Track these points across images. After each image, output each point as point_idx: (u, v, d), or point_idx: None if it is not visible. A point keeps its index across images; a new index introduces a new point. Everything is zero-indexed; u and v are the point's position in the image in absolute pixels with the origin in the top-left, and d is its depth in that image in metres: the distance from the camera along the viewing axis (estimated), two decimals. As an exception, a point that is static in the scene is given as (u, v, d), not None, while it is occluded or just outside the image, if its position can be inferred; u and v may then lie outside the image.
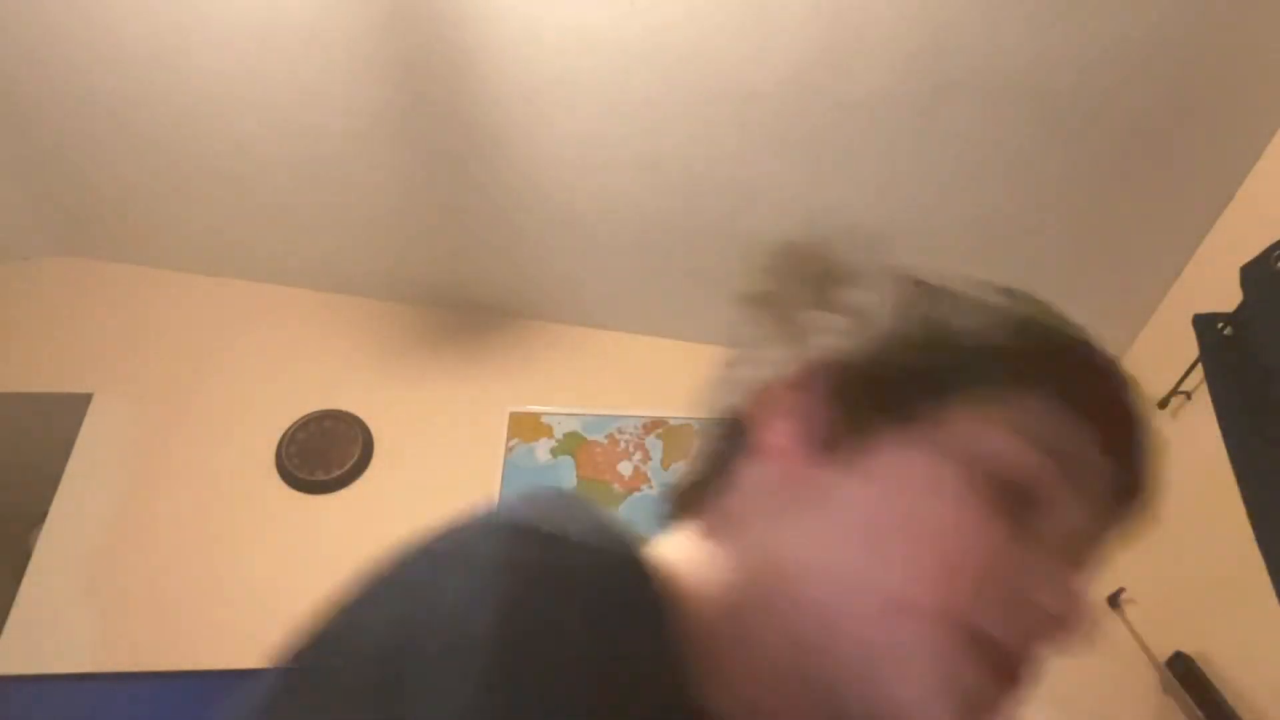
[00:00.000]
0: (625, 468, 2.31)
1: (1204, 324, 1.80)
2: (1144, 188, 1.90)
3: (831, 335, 0.51)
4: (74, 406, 2.26)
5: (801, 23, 1.63)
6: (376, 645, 0.36)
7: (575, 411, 2.38)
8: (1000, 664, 0.42)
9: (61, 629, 2.01)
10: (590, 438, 2.35)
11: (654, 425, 2.37)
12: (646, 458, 2.32)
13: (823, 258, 0.54)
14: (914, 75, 1.70)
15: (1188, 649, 1.96)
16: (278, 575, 2.10)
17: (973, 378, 0.48)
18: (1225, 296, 1.74)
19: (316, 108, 1.90)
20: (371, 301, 2.49)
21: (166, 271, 2.44)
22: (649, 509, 2.24)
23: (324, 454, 2.26)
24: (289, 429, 2.29)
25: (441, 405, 2.36)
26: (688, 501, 0.55)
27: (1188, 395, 2.00)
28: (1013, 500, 0.45)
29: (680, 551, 0.51)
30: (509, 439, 2.33)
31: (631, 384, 2.42)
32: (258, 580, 2.09)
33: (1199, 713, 1.83)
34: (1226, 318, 1.76)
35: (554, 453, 2.32)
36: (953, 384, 0.48)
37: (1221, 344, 1.76)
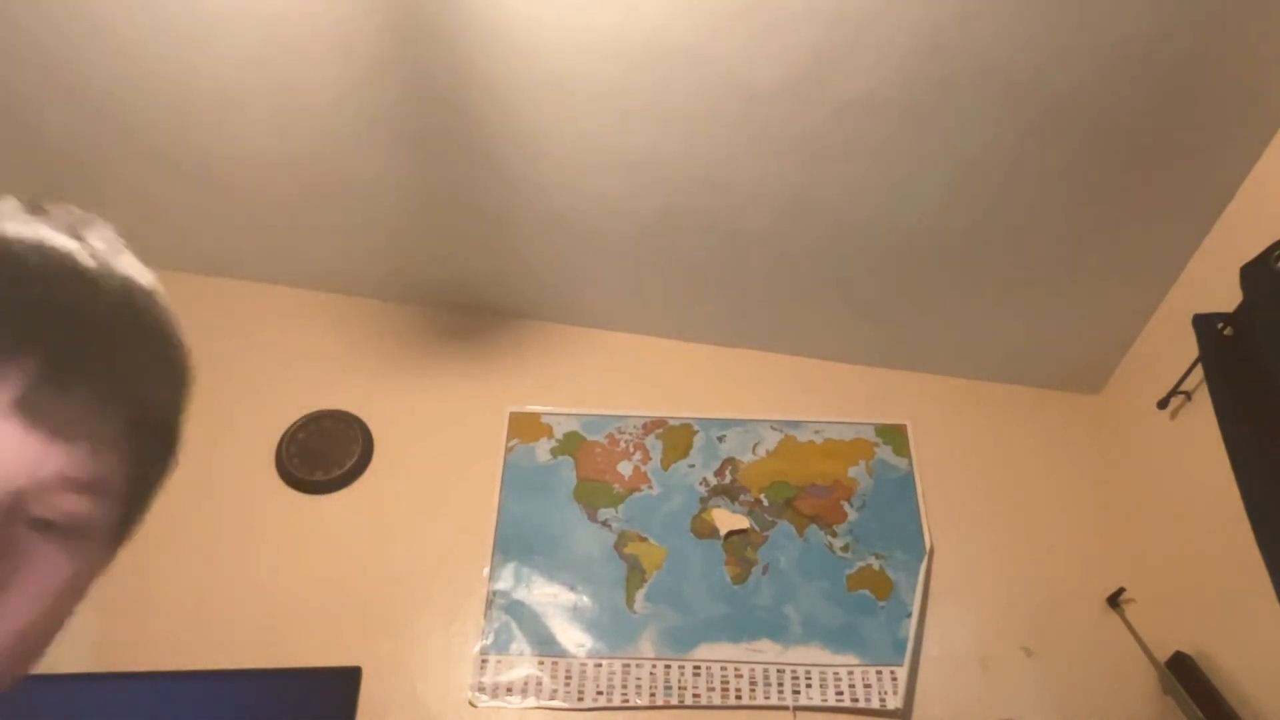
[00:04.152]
0: (625, 468, 2.31)
1: (1204, 324, 1.80)
2: (1144, 188, 1.90)
3: None
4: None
5: (801, 23, 1.63)
6: None
7: (575, 411, 2.38)
8: None
9: (61, 629, 2.00)
10: (590, 438, 2.35)
11: (654, 425, 2.37)
12: (646, 458, 2.32)
13: None
14: (914, 76, 1.70)
15: (1188, 649, 1.96)
16: (278, 575, 2.10)
17: None
18: (1225, 296, 1.74)
19: (317, 109, 1.90)
20: (372, 301, 2.49)
21: (166, 271, 2.39)
22: (649, 509, 2.24)
23: (324, 454, 2.26)
24: (289, 429, 2.29)
25: (441, 405, 2.36)
26: None
27: (1188, 395, 2.00)
28: None
29: None
30: (509, 439, 2.33)
31: (631, 384, 2.42)
32: (258, 580, 2.09)
33: (1199, 713, 1.83)
34: (1226, 318, 1.76)
35: (554, 453, 2.32)
36: None
37: (1221, 344, 1.76)
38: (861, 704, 2.01)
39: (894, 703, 2.01)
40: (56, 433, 0.44)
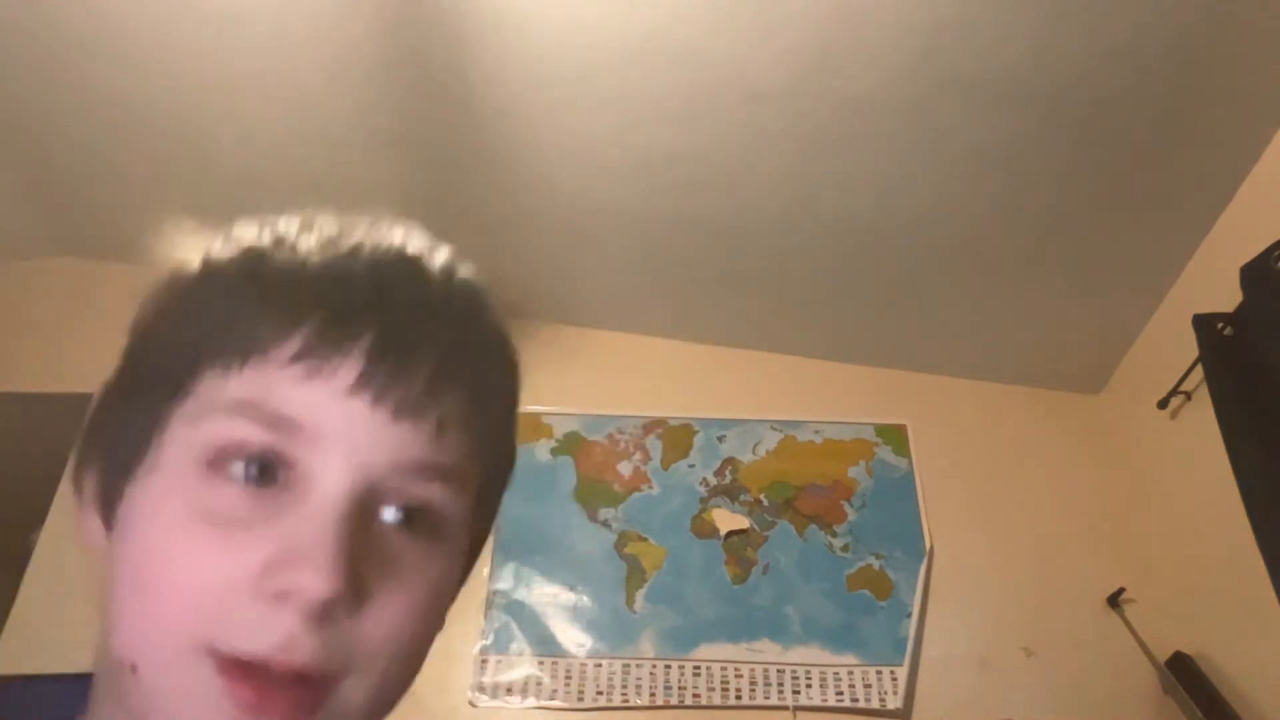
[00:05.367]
0: (625, 468, 2.30)
1: (1204, 324, 1.80)
2: (1144, 187, 1.90)
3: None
4: (74, 406, 2.25)
5: (802, 22, 1.63)
6: None
7: (575, 411, 2.38)
8: (266, 676, 0.38)
9: (61, 629, 2.00)
10: (590, 438, 2.35)
11: (654, 425, 2.37)
12: (646, 458, 2.32)
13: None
14: (914, 75, 1.70)
15: (1188, 649, 1.96)
16: (278, 575, 2.10)
17: (184, 362, 0.43)
18: (1225, 296, 1.74)
19: (317, 109, 1.89)
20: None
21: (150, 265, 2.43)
22: (649, 509, 2.24)
23: (324, 454, 2.26)
24: (289, 429, 2.29)
25: (441, 405, 2.36)
26: None
27: (1188, 395, 2.00)
28: (254, 481, 0.40)
29: None
30: (509, 439, 2.33)
31: (631, 384, 2.42)
32: (258, 580, 2.08)
33: (1199, 713, 1.83)
34: (1226, 318, 1.76)
35: (554, 453, 2.32)
36: (170, 377, 0.43)
37: (1221, 344, 1.76)
38: (861, 704, 2.01)
39: (894, 703, 2.01)
40: (401, 413, 0.41)
